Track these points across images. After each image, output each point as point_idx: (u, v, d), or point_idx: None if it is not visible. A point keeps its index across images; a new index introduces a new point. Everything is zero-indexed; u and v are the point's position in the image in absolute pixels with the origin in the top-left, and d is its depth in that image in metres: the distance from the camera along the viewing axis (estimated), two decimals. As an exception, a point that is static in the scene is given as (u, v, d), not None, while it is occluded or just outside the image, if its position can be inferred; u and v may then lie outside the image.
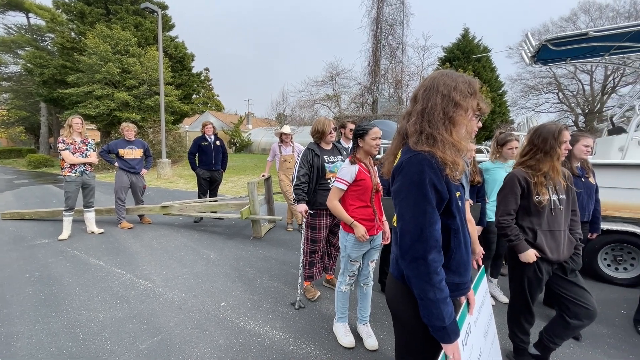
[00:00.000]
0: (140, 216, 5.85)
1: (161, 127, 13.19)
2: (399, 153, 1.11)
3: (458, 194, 1.08)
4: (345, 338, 2.40)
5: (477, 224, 2.84)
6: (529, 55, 4.91)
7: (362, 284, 2.45)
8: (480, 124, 1.43)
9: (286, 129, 5.29)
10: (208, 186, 6.03)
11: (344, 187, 2.25)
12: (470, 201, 2.77)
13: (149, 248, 4.47)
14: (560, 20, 25.39)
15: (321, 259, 3.21)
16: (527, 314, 2.08)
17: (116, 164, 5.42)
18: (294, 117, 18.62)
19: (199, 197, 6.02)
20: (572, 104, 26.35)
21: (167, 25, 21.60)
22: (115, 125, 16.63)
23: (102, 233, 5.08)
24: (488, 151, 5.11)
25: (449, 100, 1.03)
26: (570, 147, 2.67)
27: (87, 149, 4.93)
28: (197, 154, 5.89)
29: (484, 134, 18.35)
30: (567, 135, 1.89)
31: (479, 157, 4.53)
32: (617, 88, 23.51)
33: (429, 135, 1.03)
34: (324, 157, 3.02)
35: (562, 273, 1.94)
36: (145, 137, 16.47)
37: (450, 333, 0.98)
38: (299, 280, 3.00)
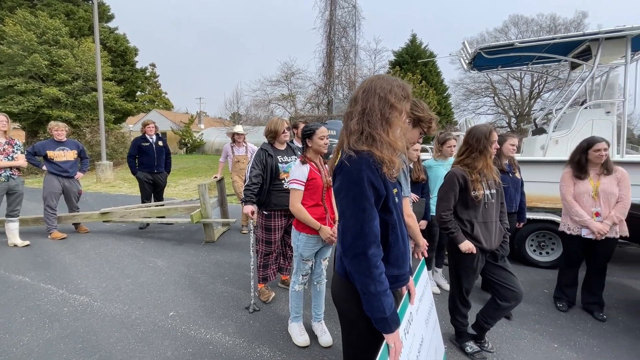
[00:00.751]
0: (76, 225, 5.30)
1: (100, 127, 12.05)
2: (340, 152, 1.14)
3: (395, 190, 1.14)
4: (299, 337, 2.40)
5: (422, 218, 3.03)
6: (466, 61, 5.35)
7: (315, 282, 2.48)
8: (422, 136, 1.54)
9: (238, 128, 5.15)
10: (152, 190, 5.63)
11: (301, 188, 2.25)
12: (416, 197, 2.94)
13: (85, 259, 4.07)
14: (494, 31, 28.11)
15: (276, 260, 3.18)
16: (465, 300, 2.26)
17: (44, 167, 4.84)
18: (249, 116, 18.21)
19: (143, 202, 5.61)
20: (506, 107, 29.25)
21: (105, 16, 19.82)
22: (43, 124, 14.86)
23: (27, 246, 4.51)
24: (425, 150, 5.48)
25: (385, 102, 1.09)
26: (499, 146, 2.96)
27: (13, 151, 4.35)
28: (137, 156, 5.45)
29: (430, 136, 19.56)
30: (495, 136, 2.10)
31: (423, 155, 4.81)
32: (541, 94, 26.59)
33: (369, 135, 1.08)
34: (278, 157, 3.00)
35: (493, 260, 2.14)
36: (81, 137, 14.95)
37: (391, 323, 1.03)
38: (252, 283, 2.94)
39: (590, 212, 2.73)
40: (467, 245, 2.08)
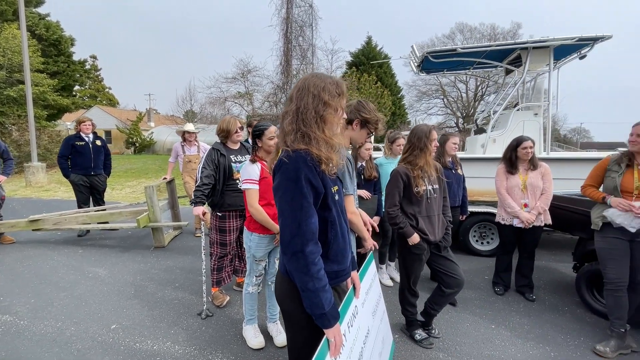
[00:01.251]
0: (-2, 235, 4.68)
1: (29, 124, 10.75)
2: (280, 151, 1.14)
3: (336, 188, 1.17)
4: (254, 339, 2.36)
5: (375, 214, 3.13)
6: (415, 64, 5.63)
7: (269, 283, 2.45)
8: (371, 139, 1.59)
9: (189, 127, 4.92)
10: (89, 193, 5.14)
11: (256, 186, 2.21)
12: (368, 194, 3.04)
13: (10, 273, 3.61)
14: (442, 37, 30.00)
15: (231, 262, 3.09)
16: (413, 290, 2.39)
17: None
18: (204, 114, 17.45)
19: (80, 207, 5.10)
20: (454, 108, 31.37)
21: (34, 0, 17.72)
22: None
23: None
24: (378, 149, 5.69)
25: (319, 100, 1.10)
26: (443, 145, 3.16)
27: None
28: (70, 157, 4.92)
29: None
30: (435, 134, 2.24)
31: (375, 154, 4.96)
32: (484, 96, 28.92)
33: (304, 133, 1.09)
34: (231, 156, 2.91)
35: (437, 251, 2.29)
36: (6, 135, 13.23)
37: (330, 318, 1.05)
38: (204, 288, 2.82)
39: (519, 204, 3.02)
40: (416, 239, 2.20)
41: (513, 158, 3.06)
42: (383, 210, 3.25)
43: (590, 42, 4.56)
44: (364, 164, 3.07)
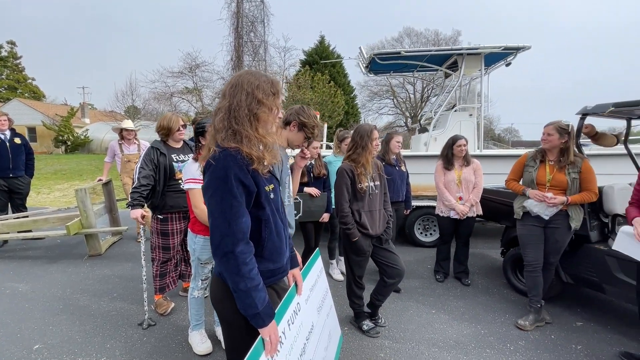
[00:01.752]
0: None
1: None
2: (211, 149, 1.10)
3: (271, 186, 1.16)
4: (201, 345, 2.27)
5: (325, 211, 3.19)
6: (364, 65, 5.83)
7: (216, 286, 2.37)
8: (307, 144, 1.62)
9: (127, 124, 4.55)
10: (7, 198, 4.53)
11: (199, 186, 2.11)
12: (317, 192, 3.08)
13: None
14: (392, 40, 31.39)
15: (176, 267, 2.93)
16: (359, 283, 2.49)
17: None
18: (147, 110, 16.24)
19: (-4, 213, 4.48)
20: (403, 109, 33.04)
21: None
22: None
23: None
24: (329, 147, 5.82)
25: (252, 98, 1.09)
26: (383, 142, 3.32)
27: None
28: None
29: (340, 132, 20.84)
30: (376, 134, 2.35)
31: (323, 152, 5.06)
32: (429, 98, 30.89)
33: (236, 131, 1.07)
34: (172, 156, 2.75)
35: (379, 244, 2.40)
36: None
37: (265, 317, 1.05)
38: (145, 296, 2.65)
39: (455, 197, 3.29)
40: (360, 241, 2.29)
41: (449, 155, 3.32)
42: (333, 206, 3.35)
43: (513, 51, 5.11)
44: (313, 161, 3.11)
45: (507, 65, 5.50)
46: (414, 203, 4.46)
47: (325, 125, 7.24)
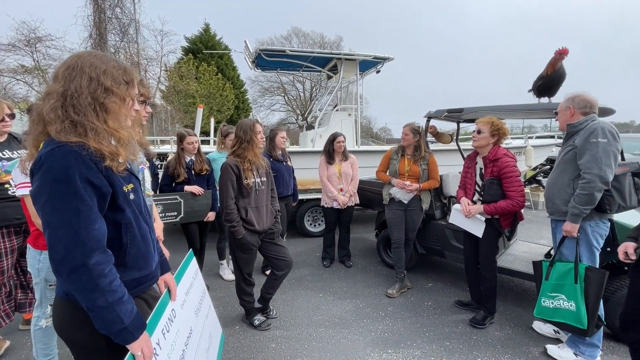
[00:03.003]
0: None
1: None
2: (41, 145, 0.91)
3: (130, 186, 1.04)
4: (52, 384, 1.86)
5: (211, 209, 3.03)
6: (250, 60, 5.75)
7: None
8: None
9: None
10: None
11: None
12: (200, 190, 2.89)
13: None
14: (280, 37, 31.78)
15: (9, 296, 2.29)
16: (248, 280, 2.48)
17: None
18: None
19: None
20: (294, 106, 34.08)
21: None
22: None
23: None
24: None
25: (97, 85, 0.94)
26: (268, 138, 3.39)
27: None
28: None
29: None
30: (259, 127, 2.37)
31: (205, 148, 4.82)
32: (318, 97, 32.76)
33: (77, 123, 0.90)
34: (-5, 152, 2.12)
35: (267, 239, 2.45)
36: None
37: (134, 330, 0.93)
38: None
39: (337, 189, 3.62)
40: (246, 238, 2.27)
41: (330, 150, 3.63)
42: (219, 205, 3.22)
43: (381, 61, 5.91)
44: (193, 157, 2.90)
45: (378, 72, 6.32)
46: (304, 196, 4.70)
47: (212, 120, 6.83)
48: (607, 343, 2.32)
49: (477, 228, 2.53)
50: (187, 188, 2.80)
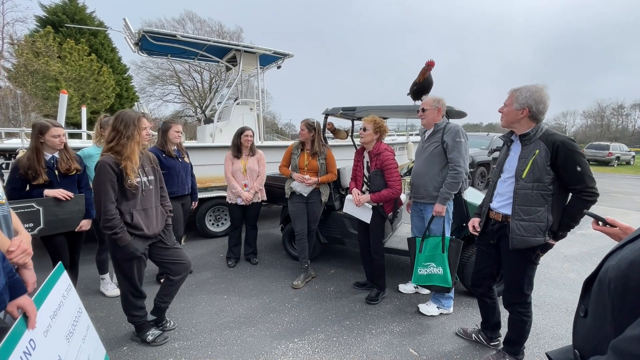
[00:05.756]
0: None
1: None
2: None
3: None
4: None
5: (85, 216, 2.55)
6: (133, 42, 5.00)
7: None
8: None
9: None
10: None
11: None
12: (68, 194, 2.39)
13: None
14: (172, 21, 28.54)
15: None
16: (139, 291, 2.19)
17: None
18: None
19: None
20: (191, 98, 31.27)
21: None
22: None
23: None
24: (90, 137, 4.76)
25: None
26: (150, 132, 3.05)
27: None
28: None
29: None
30: (145, 122, 2.08)
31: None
32: (219, 89, 30.86)
33: None
34: None
35: (160, 244, 2.19)
36: None
37: None
38: None
39: (241, 184, 3.52)
40: (133, 245, 1.98)
41: (238, 144, 3.50)
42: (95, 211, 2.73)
43: (282, 57, 5.95)
44: (56, 155, 2.37)
45: (278, 67, 6.34)
46: (205, 195, 4.41)
47: (84, 109, 5.71)
48: (463, 298, 2.93)
49: (366, 215, 2.83)
50: (47, 192, 2.25)
